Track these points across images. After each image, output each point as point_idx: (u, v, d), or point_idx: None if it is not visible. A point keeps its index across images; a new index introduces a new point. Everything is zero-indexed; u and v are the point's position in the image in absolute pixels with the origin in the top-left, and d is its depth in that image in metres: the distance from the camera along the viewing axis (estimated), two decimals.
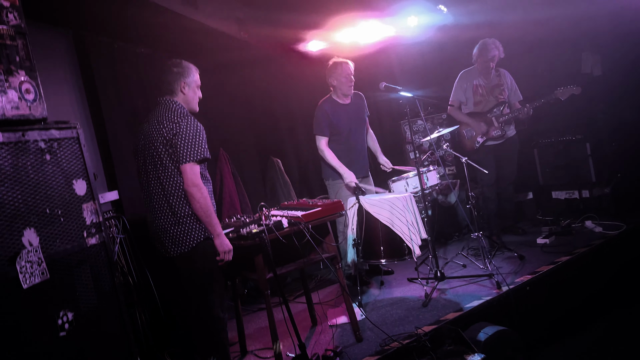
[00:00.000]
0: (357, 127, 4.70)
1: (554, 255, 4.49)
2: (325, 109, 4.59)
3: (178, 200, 2.88)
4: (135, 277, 3.73)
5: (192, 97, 3.12)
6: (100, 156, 4.12)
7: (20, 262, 1.74)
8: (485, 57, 5.13)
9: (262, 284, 3.24)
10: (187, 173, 2.80)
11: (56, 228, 1.98)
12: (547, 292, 4.07)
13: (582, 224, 5.29)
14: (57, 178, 2.04)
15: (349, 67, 4.61)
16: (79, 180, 2.16)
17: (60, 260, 1.98)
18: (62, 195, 2.05)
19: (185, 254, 2.91)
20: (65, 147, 2.13)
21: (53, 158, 2.03)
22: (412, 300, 4.12)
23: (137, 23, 4.02)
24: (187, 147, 2.80)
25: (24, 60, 1.92)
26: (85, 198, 2.18)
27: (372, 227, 4.10)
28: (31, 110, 1.91)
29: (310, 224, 3.32)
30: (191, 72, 3.12)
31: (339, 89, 4.63)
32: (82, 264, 2.09)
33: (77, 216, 2.12)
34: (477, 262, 4.59)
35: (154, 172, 2.91)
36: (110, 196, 3.94)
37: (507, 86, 5.28)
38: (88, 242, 2.15)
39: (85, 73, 4.09)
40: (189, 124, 2.86)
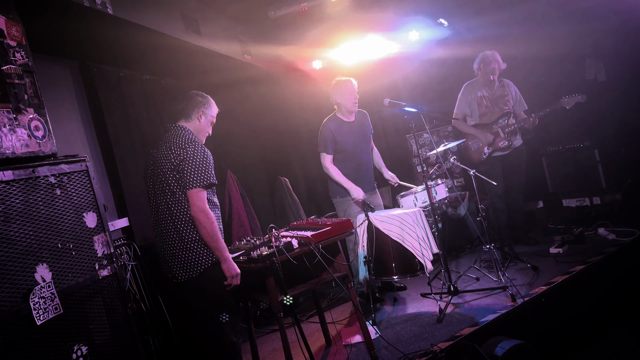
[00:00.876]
0: (362, 144, 4.71)
1: (568, 265, 4.43)
2: (330, 126, 4.60)
3: (185, 225, 2.89)
4: (147, 304, 3.72)
5: (204, 128, 3.16)
6: (110, 183, 4.15)
7: (34, 298, 1.75)
8: (486, 69, 5.15)
9: (275, 306, 3.22)
10: (194, 199, 2.81)
11: (68, 262, 2.00)
12: (563, 303, 4.01)
13: (595, 231, 5.24)
14: (67, 212, 2.06)
15: (352, 85, 4.63)
16: (89, 212, 2.17)
17: (73, 294, 1.98)
18: (73, 228, 2.07)
19: (193, 279, 2.91)
20: (75, 181, 2.16)
21: (63, 192, 2.05)
22: (427, 316, 4.07)
23: (141, 51, 4.08)
24: (194, 173, 2.82)
25: (32, 98, 1.95)
26: (96, 230, 2.20)
27: (382, 243, 4.09)
28: (40, 147, 1.94)
29: (321, 243, 3.31)
30: (212, 106, 3.21)
31: (343, 106, 4.65)
32: (94, 296, 2.10)
33: (89, 249, 2.13)
34: (490, 274, 4.54)
35: (162, 198, 2.92)
36: (120, 223, 3.96)
37: (512, 96, 5.27)
38: (100, 274, 2.16)
39: (92, 102, 4.15)
40: (196, 150, 2.88)
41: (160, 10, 3.82)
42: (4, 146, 1.80)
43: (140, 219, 4.17)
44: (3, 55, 1.89)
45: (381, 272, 4.15)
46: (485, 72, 5.16)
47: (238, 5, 4.82)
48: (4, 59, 1.88)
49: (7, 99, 1.84)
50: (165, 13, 3.90)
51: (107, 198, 4.10)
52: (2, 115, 1.81)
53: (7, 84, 1.86)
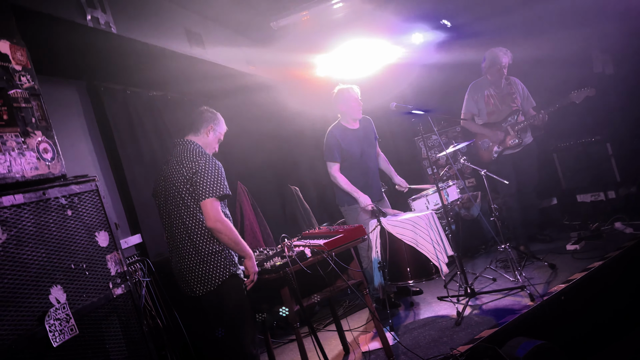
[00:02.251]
0: (368, 150, 4.68)
1: (586, 262, 4.37)
2: (335, 134, 4.58)
3: (201, 238, 2.89)
4: (164, 319, 3.73)
5: (212, 144, 3.19)
6: (121, 200, 4.18)
7: (49, 320, 1.75)
8: (498, 65, 5.08)
9: (291, 316, 3.21)
10: (208, 209, 2.82)
11: (82, 282, 2.00)
12: (583, 300, 3.95)
13: (612, 226, 5.17)
14: (79, 232, 2.06)
15: (355, 92, 4.61)
16: (101, 232, 2.18)
17: (88, 314, 1.99)
18: (86, 248, 2.07)
19: (211, 292, 2.91)
20: (86, 201, 2.16)
21: (74, 213, 2.06)
22: (444, 319, 4.03)
23: (147, 68, 4.11)
24: (207, 184, 2.84)
25: (39, 121, 1.96)
26: (108, 249, 2.20)
27: (396, 248, 4.06)
28: (50, 169, 1.95)
29: (334, 251, 3.30)
30: (221, 123, 3.25)
31: (348, 114, 4.63)
32: (109, 315, 2.10)
33: (102, 268, 2.14)
34: (507, 274, 4.49)
35: (176, 212, 2.93)
36: (133, 240, 3.98)
37: (520, 94, 5.23)
38: (114, 293, 2.16)
39: (101, 121, 4.18)
40: (207, 162, 2.90)
41: (163, 27, 3.85)
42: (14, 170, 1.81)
43: (153, 235, 4.18)
44: (9, 79, 1.91)
45: (396, 277, 4.11)
46: (498, 67, 5.09)
47: (240, 17, 4.84)
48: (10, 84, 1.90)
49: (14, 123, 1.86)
50: (169, 29, 3.93)
51: (119, 215, 4.12)
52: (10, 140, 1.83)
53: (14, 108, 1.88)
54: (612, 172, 5.66)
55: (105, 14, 3.02)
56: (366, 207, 4.38)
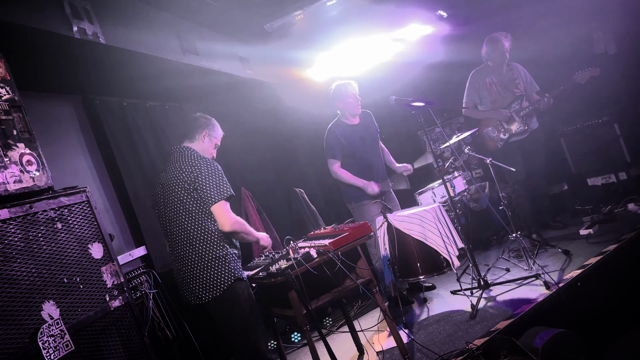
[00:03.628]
0: (370, 144, 4.61)
1: (601, 245, 4.26)
2: (335, 132, 4.51)
3: (204, 244, 2.84)
4: (173, 330, 3.67)
5: (208, 149, 3.16)
6: (124, 213, 4.14)
7: (42, 337, 1.70)
8: (500, 50, 4.99)
9: (300, 320, 3.14)
10: (222, 213, 2.83)
11: (76, 296, 1.94)
12: (600, 285, 3.84)
13: (625, 207, 5.04)
14: (71, 245, 2.01)
15: (352, 87, 4.55)
16: (94, 243, 2.13)
17: (84, 329, 1.93)
18: (79, 261, 2.02)
19: (217, 298, 2.85)
20: (77, 213, 2.11)
21: (65, 225, 2.01)
22: (459, 313, 3.94)
23: (142, 78, 4.08)
24: (213, 188, 2.82)
25: (22, 133, 1.91)
26: (103, 261, 2.15)
27: (404, 244, 3.98)
28: (35, 182, 1.90)
29: (340, 250, 3.22)
30: (216, 128, 3.21)
31: (346, 110, 4.56)
32: (108, 328, 2.04)
33: (97, 280, 2.08)
34: (521, 264, 4.38)
35: (177, 220, 2.88)
36: (138, 252, 3.91)
37: (522, 79, 5.12)
38: (111, 305, 2.11)
39: (99, 135, 4.15)
40: (208, 165, 2.88)
41: (154, 35, 3.81)
42: None
43: (159, 246, 4.14)
44: None
45: (407, 274, 4.03)
46: (500, 52, 5.00)
47: (233, 21, 4.79)
48: None
49: None
50: (160, 37, 3.89)
51: (122, 228, 4.09)
52: None
53: None
54: (622, 153, 5.54)
55: (93, 25, 2.98)
56: (373, 193, 4.29)
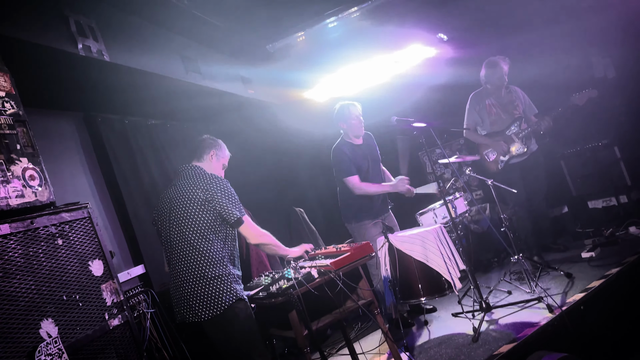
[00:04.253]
0: (374, 166, 4.62)
1: (604, 269, 4.23)
2: (344, 150, 4.52)
3: (207, 261, 2.82)
4: (170, 351, 3.61)
5: (216, 169, 3.19)
6: (123, 231, 4.11)
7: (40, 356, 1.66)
8: (499, 73, 5.05)
9: (300, 341, 3.09)
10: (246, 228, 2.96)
11: (75, 314, 1.91)
12: (604, 309, 3.80)
13: (626, 230, 5.02)
14: (71, 262, 1.98)
15: (356, 109, 4.56)
16: (95, 260, 2.10)
17: (82, 348, 1.89)
18: (79, 278, 1.99)
19: (217, 317, 2.81)
20: (78, 229, 2.09)
21: (66, 242, 1.98)
22: (461, 336, 3.88)
23: (144, 96, 4.09)
24: (231, 204, 2.89)
25: (25, 147, 1.91)
26: (103, 278, 2.12)
27: (406, 265, 3.95)
28: (37, 197, 1.88)
29: (341, 270, 3.19)
30: (223, 148, 3.26)
31: (350, 131, 4.58)
32: (106, 348, 1.99)
33: (97, 298, 2.05)
34: (522, 286, 4.34)
35: (182, 235, 2.86)
36: (136, 271, 3.89)
37: (521, 101, 5.17)
38: (111, 324, 2.07)
39: (99, 152, 4.14)
40: (221, 182, 2.94)
41: (158, 54, 3.83)
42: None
43: (157, 265, 4.10)
44: None
45: (408, 295, 3.99)
46: (499, 75, 5.06)
47: (236, 41, 4.83)
48: None
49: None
50: (164, 56, 3.92)
51: (121, 246, 4.05)
52: None
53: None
54: (622, 176, 5.54)
55: (97, 43, 3.00)
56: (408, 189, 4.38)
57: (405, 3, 5.16)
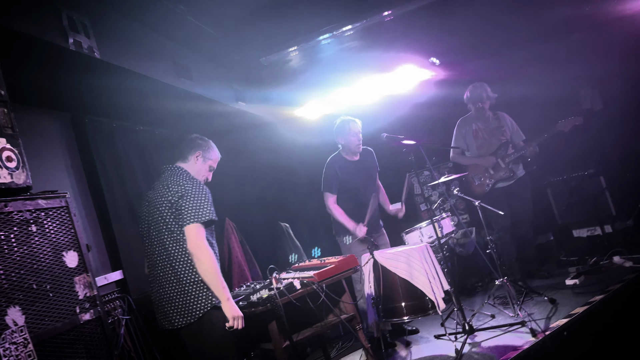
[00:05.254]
0: (367, 183, 4.61)
1: (587, 296, 4.22)
2: (335, 166, 4.51)
3: (183, 266, 2.73)
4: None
5: (201, 171, 3.09)
6: (103, 236, 4.01)
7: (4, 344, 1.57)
8: (475, 99, 5.18)
9: (279, 353, 3.01)
10: (191, 234, 2.68)
11: (45, 305, 1.82)
12: (587, 335, 3.77)
13: (610, 260, 5.03)
14: (44, 250, 1.90)
15: (356, 126, 4.58)
16: (69, 251, 2.02)
17: (50, 340, 1.79)
18: (51, 268, 1.91)
19: (191, 325, 2.72)
20: (54, 217, 2.01)
21: (40, 229, 1.91)
22: (443, 358, 3.82)
23: (133, 100, 4.03)
24: (192, 209, 2.71)
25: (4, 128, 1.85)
26: (77, 270, 2.03)
27: (390, 282, 3.89)
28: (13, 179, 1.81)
29: (325, 282, 3.14)
30: (211, 149, 3.15)
31: (347, 147, 4.58)
32: (75, 343, 1.90)
33: (69, 290, 1.96)
34: (506, 310, 4.31)
35: (159, 238, 2.79)
36: (114, 276, 3.78)
37: (508, 127, 5.23)
38: (81, 318, 1.98)
39: (85, 154, 4.06)
40: (194, 186, 2.81)
41: (150, 56, 3.80)
42: None
43: (137, 273, 3.98)
44: None
45: (390, 314, 3.92)
46: (474, 101, 5.18)
47: (230, 53, 4.82)
48: None
49: None
50: (156, 59, 3.88)
51: (100, 251, 3.95)
52: None
53: None
54: (608, 206, 5.58)
55: (89, 39, 2.97)
56: (360, 236, 4.25)
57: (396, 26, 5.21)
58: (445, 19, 5.19)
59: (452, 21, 5.31)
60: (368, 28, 5.11)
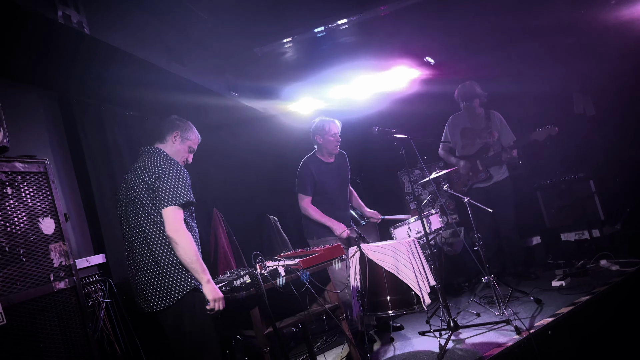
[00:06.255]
0: (341, 185, 4.58)
1: (573, 297, 4.21)
2: (310, 167, 4.46)
3: (161, 248, 2.67)
4: (123, 346, 3.42)
5: (180, 152, 3.01)
6: (87, 218, 3.94)
7: None
8: (464, 97, 5.23)
9: (260, 339, 2.96)
10: (169, 217, 2.61)
11: (17, 269, 1.76)
12: (571, 335, 3.76)
13: (597, 263, 5.03)
14: (19, 214, 1.84)
15: (335, 127, 4.52)
16: (46, 218, 1.96)
17: (20, 305, 1.73)
18: (25, 233, 1.84)
19: (170, 307, 2.66)
20: (31, 182, 1.95)
21: (15, 192, 1.85)
22: (426, 354, 3.78)
23: (123, 82, 3.96)
24: (169, 191, 2.63)
25: None
26: (53, 238, 1.97)
27: (376, 275, 3.86)
28: None
29: (310, 270, 3.09)
30: (190, 130, 3.06)
31: (324, 147, 4.53)
32: (47, 310, 1.84)
33: (43, 257, 1.90)
34: (492, 309, 4.28)
35: (136, 221, 2.72)
36: (96, 259, 3.69)
37: (497, 127, 5.23)
38: (55, 286, 1.92)
39: (71, 135, 4.00)
40: (171, 167, 2.72)
41: (141, 37, 3.73)
42: None
43: (120, 257, 3.91)
44: None
45: (375, 307, 3.88)
46: (463, 99, 5.25)
47: (222, 39, 4.77)
48: None
49: None
50: (147, 41, 3.82)
51: (83, 234, 3.88)
52: None
53: None
54: (596, 210, 5.58)
55: (79, 14, 2.92)
56: (342, 235, 4.21)
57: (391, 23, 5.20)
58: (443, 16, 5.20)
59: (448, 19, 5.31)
60: (363, 23, 5.10)
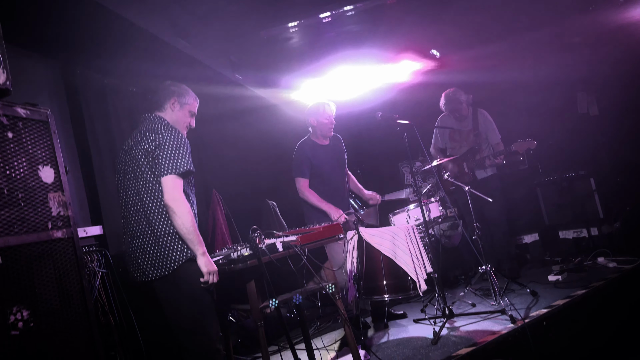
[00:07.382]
0: (338, 168, 4.52)
1: (569, 290, 4.21)
2: (305, 150, 4.42)
3: (158, 217, 2.64)
4: (117, 317, 3.41)
5: (181, 118, 2.96)
6: (85, 190, 3.93)
7: None
8: (448, 108, 5.28)
9: (255, 313, 2.94)
10: (168, 186, 2.57)
11: (15, 212, 1.74)
12: (566, 328, 3.75)
13: (594, 260, 5.03)
14: (19, 159, 1.81)
15: (330, 109, 4.47)
16: (46, 167, 1.94)
17: (16, 247, 1.71)
18: (25, 179, 1.81)
19: (165, 277, 2.63)
20: (32, 130, 1.93)
21: (16, 137, 1.82)
22: (420, 339, 3.77)
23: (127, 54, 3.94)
24: (169, 159, 2.60)
25: None
26: (52, 187, 1.95)
27: (373, 259, 3.85)
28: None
29: (308, 247, 3.08)
30: (187, 94, 2.98)
31: (318, 130, 4.48)
32: (44, 257, 1.82)
33: (42, 205, 1.87)
34: (488, 299, 4.27)
35: (134, 188, 2.70)
36: (94, 230, 3.68)
37: (483, 128, 5.21)
38: (53, 235, 1.89)
39: (73, 106, 3.99)
40: (172, 135, 2.68)
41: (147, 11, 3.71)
42: None
43: (117, 229, 3.90)
44: None
45: (371, 291, 3.88)
46: (448, 110, 5.29)
47: (229, 22, 4.75)
48: None
49: None
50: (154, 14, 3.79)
51: (81, 204, 3.87)
52: None
53: None
54: (596, 209, 5.59)
55: None
56: (339, 220, 4.18)
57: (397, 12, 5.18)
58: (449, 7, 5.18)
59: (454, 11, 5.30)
60: (369, 10, 5.08)
